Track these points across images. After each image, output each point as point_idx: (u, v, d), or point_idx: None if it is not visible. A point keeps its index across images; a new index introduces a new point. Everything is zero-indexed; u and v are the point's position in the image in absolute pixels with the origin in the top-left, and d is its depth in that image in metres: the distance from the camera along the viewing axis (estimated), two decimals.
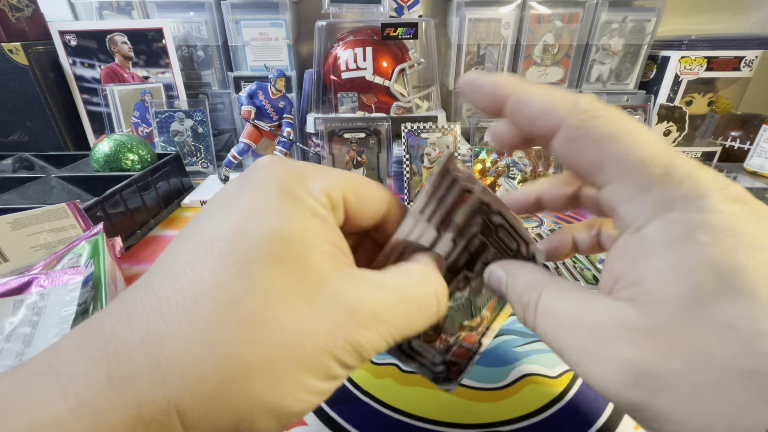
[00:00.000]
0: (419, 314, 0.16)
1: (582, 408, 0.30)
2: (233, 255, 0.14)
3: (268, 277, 0.14)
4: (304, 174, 0.16)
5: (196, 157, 0.77)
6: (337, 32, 0.75)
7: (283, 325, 0.13)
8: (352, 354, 0.15)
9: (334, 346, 0.14)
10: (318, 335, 0.14)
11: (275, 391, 0.13)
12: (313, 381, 0.14)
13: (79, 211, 0.41)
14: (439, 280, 0.18)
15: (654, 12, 0.77)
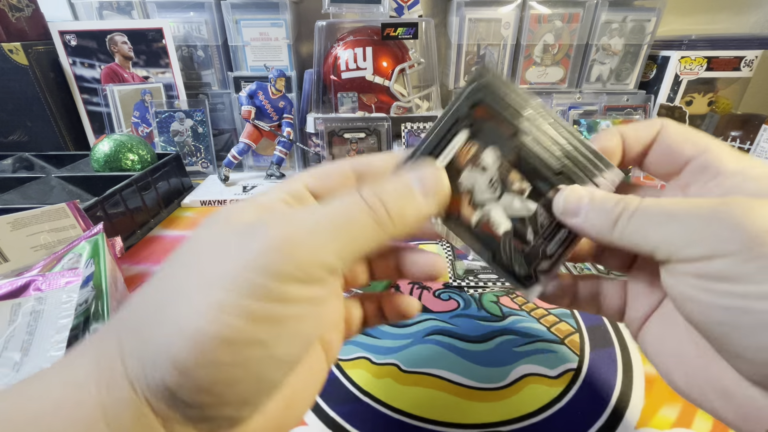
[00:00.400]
0: (344, 216, 0.16)
1: (582, 408, 0.30)
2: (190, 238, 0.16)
3: (200, 234, 0.16)
4: (266, 189, 0.19)
5: (196, 157, 0.77)
6: (337, 32, 0.75)
7: (201, 254, 0.15)
8: (277, 256, 0.14)
9: (250, 253, 0.14)
10: (230, 249, 0.14)
11: (187, 313, 0.13)
12: (233, 298, 0.13)
13: (79, 211, 0.41)
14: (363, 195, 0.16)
15: (654, 12, 0.77)
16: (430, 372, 0.33)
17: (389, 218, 0.16)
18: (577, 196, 0.19)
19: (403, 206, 0.16)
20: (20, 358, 0.23)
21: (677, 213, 0.16)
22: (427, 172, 0.18)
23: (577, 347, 0.36)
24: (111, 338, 0.14)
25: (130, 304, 0.15)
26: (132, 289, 0.44)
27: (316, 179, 0.19)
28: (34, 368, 0.22)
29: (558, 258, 0.21)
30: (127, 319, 0.15)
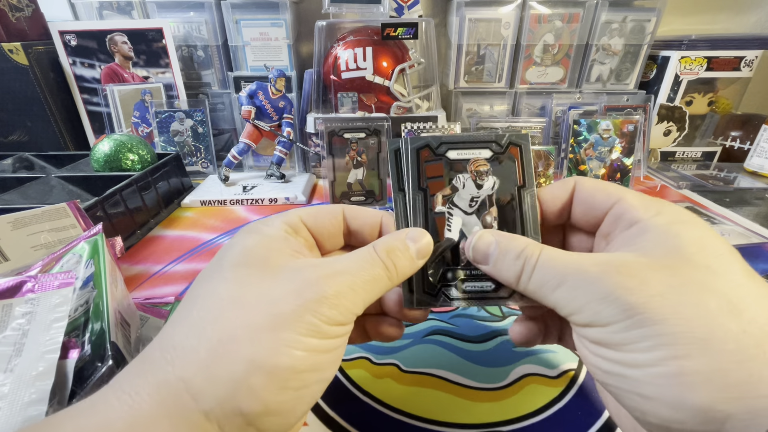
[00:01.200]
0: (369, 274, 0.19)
1: (582, 408, 0.30)
2: (215, 272, 0.18)
3: (239, 273, 0.18)
4: (266, 219, 0.22)
5: (196, 157, 0.77)
6: (337, 32, 0.75)
7: (255, 298, 0.17)
8: (327, 306, 0.17)
9: (306, 302, 0.17)
10: (287, 296, 0.17)
11: (260, 350, 0.16)
12: (296, 336, 0.16)
13: (79, 210, 0.41)
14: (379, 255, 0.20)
15: (654, 12, 0.77)
16: (430, 372, 0.33)
17: (396, 275, 0.20)
18: (486, 243, 0.21)
19: (405, 266, 0.20)
20: (13, 358, 0.23)
21: (567, 275, 0.18)
22: (423, 242, 0.21)
23: None
24: (165, 371, 0.15)
25: (179, 338, 0.16)
26: (132, 289, 0.44)
27: (310, 216, 0.22)
28: (28, 369, 0.22)
29: (468, 297, 0.23)
30: (184, 353, 0.16)
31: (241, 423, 0.15)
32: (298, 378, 0.16)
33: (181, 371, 0.15)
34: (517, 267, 0.20)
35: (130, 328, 0.31)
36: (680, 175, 0.77)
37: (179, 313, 0.17)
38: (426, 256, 0.22)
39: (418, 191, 0.23)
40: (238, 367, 0.15)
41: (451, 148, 0.23)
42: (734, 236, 0.54)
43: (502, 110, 0.85)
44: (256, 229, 0.20)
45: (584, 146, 0.62)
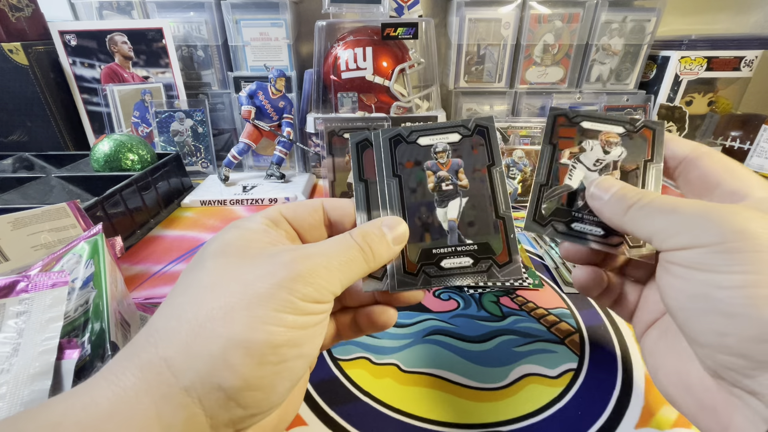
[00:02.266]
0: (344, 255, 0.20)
1: (582, 408, 0.30)
2: (196, 263, 0.19)
3: (218, 262, 0.19)
4: (248, 216, 0.22)
5: (196, 157, 0.77)
6: (337, 32, 0.75)
7: (233, 281, 0.18)
8: (301, 283, 0.18)
9: (280, 280, 0.17)
10: (262, 277, 0.17)
11: (237, 327, 0.16)
12: (271, 313, 0.17)
13: (79, 210, 0.41)
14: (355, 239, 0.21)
15: (654, 12, 0.77)
16: (430, 372, 0.33)
17: (373, 258, 0.21)
18: (608, 184, 0.24)
19: (381, 251, 0.21)
20: (10, 358, 0.23)
21: (678, 208, 0.19)
22: (399, 229, 0.22)
23: (577, 347, 0.36)
24: (148, 352, 0.16)
25: (162, 322, 0.17)
26: (132, 289, 0.44)
27: (290, 209, 0.23)
28: (25, 369, 0.22)
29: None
30: (166, 334, 0.16)
31: (221, 398, 0.16)
32: (275, 353, 0.16)
33: (163, 351, 0.16)
34: (630, 201, 0.22)
35: (130, 328, 0.31)
36: None
37: (164, 302, 0.18)
38: (402, 242, 0.23)
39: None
40: (215, 344, 0.16)
41: (589, 119, 0.27)
42: None
43: (502, 110, 0.85)
44: (236, 224, 0.21)
45: None
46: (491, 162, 0.25)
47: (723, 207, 0.18)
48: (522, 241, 0.54)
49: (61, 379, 0.23)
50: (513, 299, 0.42)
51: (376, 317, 0.25)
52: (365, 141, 0.26)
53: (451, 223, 0.24)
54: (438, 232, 0.24)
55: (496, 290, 0.44)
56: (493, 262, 0.23)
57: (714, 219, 0.18)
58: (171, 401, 0.15)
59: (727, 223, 0.17)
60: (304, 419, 0.29)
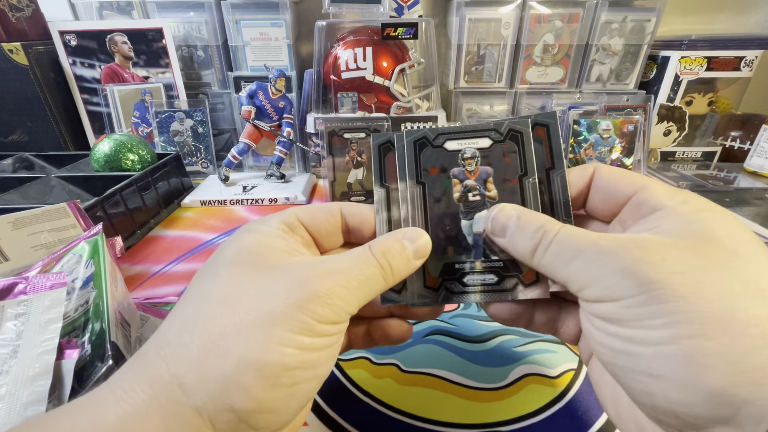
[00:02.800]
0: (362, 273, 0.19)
1: (582, 408, 0.30)
2: (209, 271, 0.18)
3: (233, 272, 0.18)
4: (263, 218, 0.22)
5: (196, 157, 0.77)
6: (337, 32, 0.75)
7: (247, 296, 0.17)
8: (319, 304, 0.17)
9: (298, 300, 0.17)
10: (278, 294, 0.17)
11: (251, 347, 0.16)
12: (287, 334, 0.16)
13: (79, 210, 0.41)
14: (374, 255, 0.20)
15: (654, 12, 0.77)
16: (430, 372, 0.33)
17: (392, 275, 0.20)
18: (506, 216, 0.21)
19: (401, 266, 0.20)
20: (9, 360, 0.23)
21: (584, 250, 0.18)
22: (420, 242, 0.21)
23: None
24: (159, 368, 0.15)
25: (173, 335, 0.16)
26: (132, 289, 0.44)
27: (307, 214, 0.22)
28: (24, 370, 0.22)
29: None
30: (177, 350, 0.16)
31: (232, 419, 0.15)
32: (289, 375, 0.16)
33: (174, 368, 0.15)
34: (535, 239, 0.19)
35: (131, 328, 0.31)
36: (680, 175, 0.77)
37: (174, 312, 0.17)
38: (424, 256, 0.21)
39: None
40: (228, 364, 0.15)
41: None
42: None
43: (502, 110, 0.85)
44: (251, 228, 0.20)
45: (584, 146, 0.62)
46: (524, 172, 0.22)
47: (625, 249, 0.16)
48: None
49: (61, 380, 0.23)
50: None
51: (391, 331, 0.24)
52: (388, 143, 0.23)
53: (476, 237, 0.22)
54: (462, 245, 0.22)
55: None
56: (519, 281, 0.21)
57: (619, 267, 0.16)
58: (181, 421, 0.15)
59: (634, 273, 0.15)
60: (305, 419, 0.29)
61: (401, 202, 0.23)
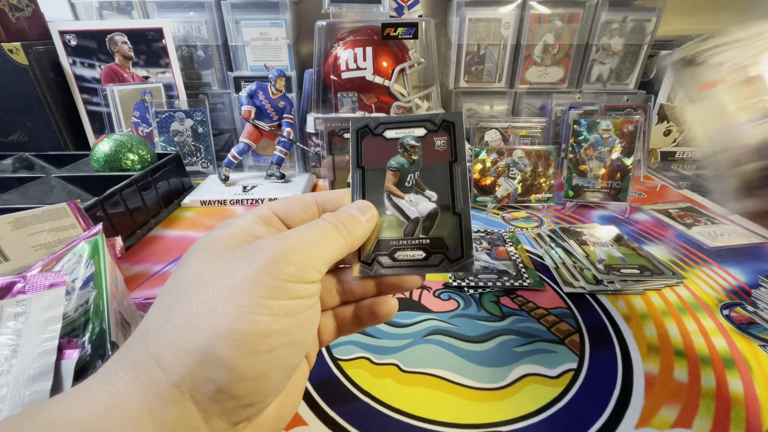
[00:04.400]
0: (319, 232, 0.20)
1: (582, 408, 0.30)
2: (180, 263, 0.19)
3: (200, 257, 0.19)
4: (239, 215, 0.22)
5: (196, 157, 0.77)
6: (337, 32, 0.75)
7: (213, 275, 0.17)
8: (283, 263, 0.17)
9: (260, 264, 0.17)
10: (241, 266, 0.17)
11: (221, 319, 0.16)
12: (256, 300, 0.16)
13: (79, 210, 0.41)
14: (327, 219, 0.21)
15: (654, 12, 0.77)
16: (430, 372, 0.33)
17: (348, 233, 0.21)
18: None
19: (354, 225, 0.22)
20: (9, 359, 0.23)
21: None
22: (363, 205, 0.23)
23: (577, 347, 0.36)
24: (140, 352, 0.16)
25: (151, 321, 0.17)
26: (132, 289, 0.44)
27: (282, 206, 0.23)
28: (25, 369, 0.22)
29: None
30: (155, 333, 0.17)
31: (212, 390, 0.16)
32: (264, 342, 0.16)
33: (153, 349, 0.16)
34: None
35: (130, 327, 0.31)
36: (680, 175, 0.77)
37: (154, 303, 0.18)
38: (373, 219, 0.23)
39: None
40: (201, 338, 0.16)
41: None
42: (734, 236, 0.54)
43: (502, 110, 0.85)
44: (226, 222, 0.21)
45: (584, 146, 0.62)
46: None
47: None
48: (522, 241, 0.54)
49: (61, 379, 0.23)
50: (513, 299, 0.42)
51: (377, 308, 0.24)
52: (365, 127, 0.26)
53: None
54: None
55: (497, 290, 0.44)
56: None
57: None
58: (162, 398, 0.15)
59: None
60: (304, 419, 0.29)
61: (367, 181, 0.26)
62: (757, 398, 0.31)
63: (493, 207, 0.64)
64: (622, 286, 0.43)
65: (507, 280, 0.44)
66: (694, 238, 0.54)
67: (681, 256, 0.50)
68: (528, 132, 0.75)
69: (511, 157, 0.63)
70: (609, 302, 0.42)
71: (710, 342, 0.37)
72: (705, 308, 0.41)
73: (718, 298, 0.42)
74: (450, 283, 0.44)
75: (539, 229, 0.57)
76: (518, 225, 0.59)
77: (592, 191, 0.62)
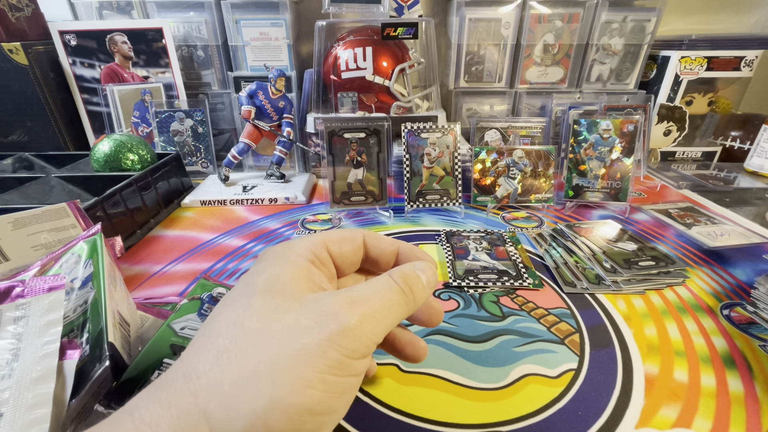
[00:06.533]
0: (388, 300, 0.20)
1: (582, 408, 0.30)
2: (240, 299, 0.18)
3: (264, 303, 0.18)
4: (292, 242, 0.22)
5: (196, 157, 0.77)
6: (337, 32, 0.75)
7: (279, 331, 0.17)
8: (351, 338, 0.17)
9: (330, 335, 0.17)
10: (310, 329, 0.17)
11: (280, 387, 0.15)
12: (318, 374, 0.16)
13: (79, 210, 0.41)
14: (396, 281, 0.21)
15: (654, 12, 0.77)
16: (430, 372, 0.33)
17: (414, 301, 0.21)
18: None
19: (420, 291, 0.21)
20: (11, 363, 0.23)
21: None
22: (429, 272, 0.23)
23: (577, 347, 0.36)
24: (188, 402, 0.15)
25: (204, 367, 0.16)
26: (132, 289, 0.44)
27: (336, 245, 0.23)
28: (27, 373, 0.22)
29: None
30: (208, 384, 0.16)
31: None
32: (313, 420, 0.16)
33: (204, 403, 0.15)
34: None
35: (130, 328, 0.31)
36: (680, 175, 0.77)
37: (204, 341, 0.17)
38: (434, 286, 0.23)
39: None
40: (258, 403, 0.15)
41: None
42: (734, 236, 0.54)
43: (502, 110, 0.85)
44: (281, 255, 0.20)
45: (584, 146, 0.62)
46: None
47: None
48: (522, 241, 0.54)
49: (63, 380, 0.23)
50: (513, 299, 0.42)
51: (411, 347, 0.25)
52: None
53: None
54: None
55: (497, 290, 0.43)
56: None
57: None
58: None
59: None
60: None
61: None
62: (757, 398, 0.31)
63: (493, 207, 0.64)
64: (640, 278, 0.44)
65: (507, 280, 0.44)
66: (694, 238, 0.54)
67: (681, 256, 0.50)
68: (528, 132, 0.75)
69: (511, 157, 0.63)
70: (609, 302, 0.42)
71: (710, 342, 0.37)
72: (705, 308, 0.41)
73: (718, 298, 0.42)
74: (450, 283, 0.44)
75: (539, 229, 0.57)
76: (518, 225, 0.59)
77: (592, 191, 0.62)
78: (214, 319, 0.18)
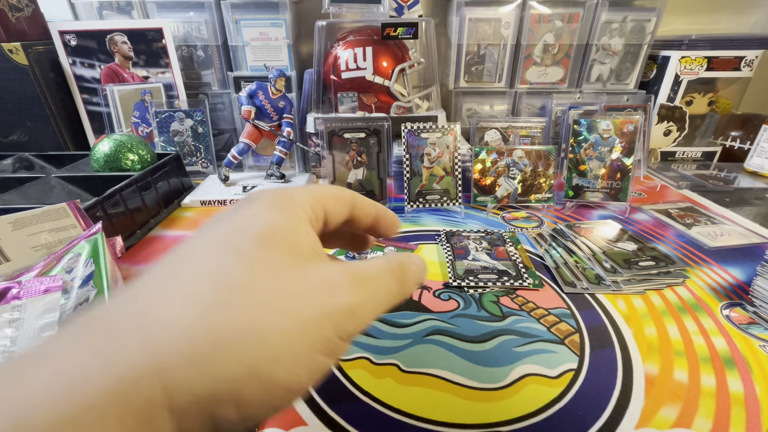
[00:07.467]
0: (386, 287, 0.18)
1: (582, 408, 0.30)
2: (229, 243, 0.15)
3: (261, 255, 0.15)
4: (291, 192, 0.19)
5: (196, 157, 0.77)
6: (337, 32, 0.75)
7: (276, 293, 0.14)
8: (352, 319, 0.15)
9: (331, 311, 0.15)
10: (312, 298, 0.15)
11: (265, 356, 0.13)
12: (308, 352, 0.14)
13: (79, 210, 0.41)
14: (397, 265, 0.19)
15: (654, 12, 0.77)
16: (430, 372, 0.33)
17: (402, 296, 0.19)
18: None
19: (409, 290, 0.20)
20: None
21: None
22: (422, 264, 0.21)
23: (577, 347, 0.36)
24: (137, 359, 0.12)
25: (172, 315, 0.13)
26: None
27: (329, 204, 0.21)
28: None
29: None
30: (175, 338, 0.12)
31: (205, 427, 0.13)
32: (285, 398, 0.14)
33: (166, 358, 0.12)
34: None
35: None
36: (680, 175, 0.77)
37: (170, 282, 0.14)
38: (421, 282, 0.22)
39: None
40: (233, 369, 0.13)
41: None
42: (734, 236, 0.54)
43: (502, 110, 0.85)
44: (281, 204, 0.17)
45: (584, 146, 0.62)
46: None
47: None
48: (522, 240, 0.54)
49: None
50: (513, 299, 0.42)
51: None
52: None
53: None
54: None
55: (497, 290, 0.44)
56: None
57: None
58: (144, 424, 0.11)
59: None
60: (304, 419, 0.29)
61: None
62: (757, 398, 0.31)
63: (493, 207, 0.64)
64: (640, 278, 0.44)
65: (507, 280, 0.44)
66: (694, 238, 0.54)
67: (681, 256, 0.50)
68: (528, 132, 0.75)
69: (511, 157, 0.63)
70: (609, 302, 0.42)
71: (710, 342, 0.37)
72: (705, 308, 0.41)
73: (718, 299, 0.42)
74: (450, 283, 0.44)
75: (539, 229, 0.57)
76: (518, 225, 0.59)
77: (592, 191, 0.62)
78: (187, 259, 0.15)
